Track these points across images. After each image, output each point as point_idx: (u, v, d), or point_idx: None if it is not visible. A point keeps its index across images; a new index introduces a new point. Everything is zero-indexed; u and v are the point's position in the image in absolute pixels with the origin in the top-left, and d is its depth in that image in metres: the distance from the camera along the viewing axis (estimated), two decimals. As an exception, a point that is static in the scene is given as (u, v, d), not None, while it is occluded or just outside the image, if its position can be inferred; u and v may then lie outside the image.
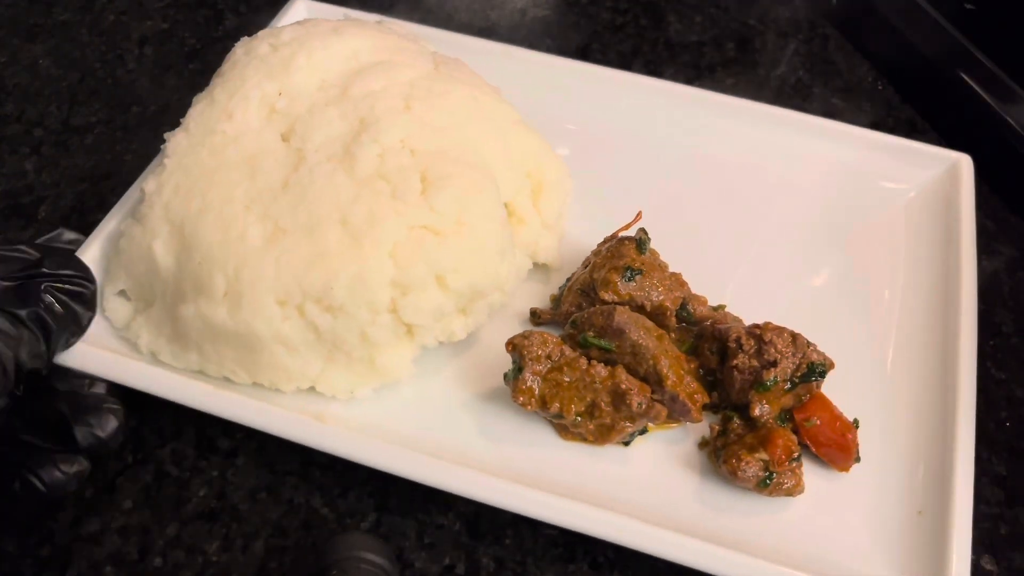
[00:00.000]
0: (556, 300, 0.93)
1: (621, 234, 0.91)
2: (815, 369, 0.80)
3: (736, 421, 0.81)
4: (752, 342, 0.81)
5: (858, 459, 0.80)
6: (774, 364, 0.80)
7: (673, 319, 0.86)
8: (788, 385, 0.80)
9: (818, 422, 0.80)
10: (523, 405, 0.79)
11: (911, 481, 0.80)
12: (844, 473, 0.81)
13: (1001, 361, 0.94)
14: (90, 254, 0.89)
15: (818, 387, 0.81)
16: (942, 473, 0.78)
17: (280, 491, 0.81)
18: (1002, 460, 0.87)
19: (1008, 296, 1.00)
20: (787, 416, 0.81)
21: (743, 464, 0.76)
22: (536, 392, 0.80)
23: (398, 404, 0.84)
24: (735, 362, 0.81)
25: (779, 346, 0.80)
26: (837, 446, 0.80)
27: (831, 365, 0.80)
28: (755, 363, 0.80)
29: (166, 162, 0.86)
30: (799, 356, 0.80)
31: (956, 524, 0.74)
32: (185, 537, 0.79)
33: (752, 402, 0.80)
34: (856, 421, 0.81)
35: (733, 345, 0.82)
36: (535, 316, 0.92)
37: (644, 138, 1.07)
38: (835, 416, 0.81)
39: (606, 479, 0.80)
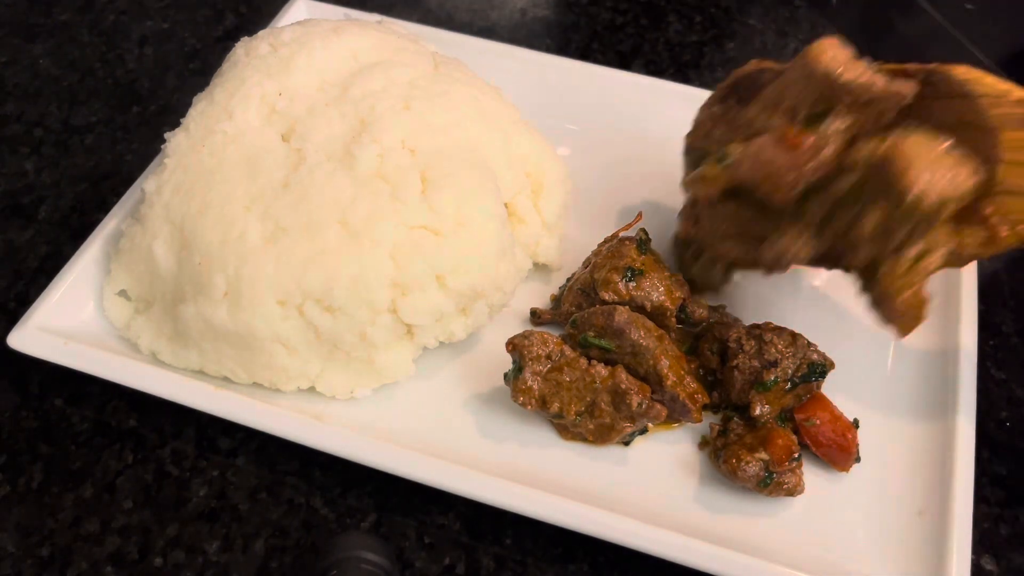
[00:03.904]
0: (556, 300, 0.93)
1: (622, 234, 0.91)
2: (815, 369, 0.80)
3: (736, 421, 0.81)
4: (752, 342, 0.81)
5: (858, 459, 0.80)
6: (774, 364, 0.80)
7: (673, 320, 0.86)
8: (788, 385, 0.80)
9: (818, 422, 0.80)
10: (523, 405, 0.79)
11: (911, 481, 0.80)
12: (844, 473, 0.81)
13: (1001, 361, 0.94)
14: (90, 254, 0.89)
15: (818, 387, 0.81)
16: (942, 473, 0.78)
17: (280, 491, 0.81)
18: (1002, 460, 0.87)
19: (1008, 296, 1.00)
20: (787, 416, 0.81)
21: (743, 464, 0.76)
22: (536, 392, 0.80)
23: (398, 404, 0.84)
24: (735, 362, 0.81)
25: (779, 346, 0.80)
26: (837, 446, 0.80)
27: (831, 365, 0.80)
28: (755, 363, 0.81)
29: (166, 162, 0.86)
30: (799, 356, 0.80)
31: (956, 524, 0.74)
32: (185, 537, 0.79)
33: (752, 402, 0.80)
34: (856, 421, 0.81)
35: (733, 345, 0.82)
36: (535, 316, 0.92)
37: (644, 138, 1.07)
38: (835, 416, 0.81)
39: (606, 479, 0.80)
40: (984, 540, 0.81)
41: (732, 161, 0.77)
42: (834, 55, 0.72)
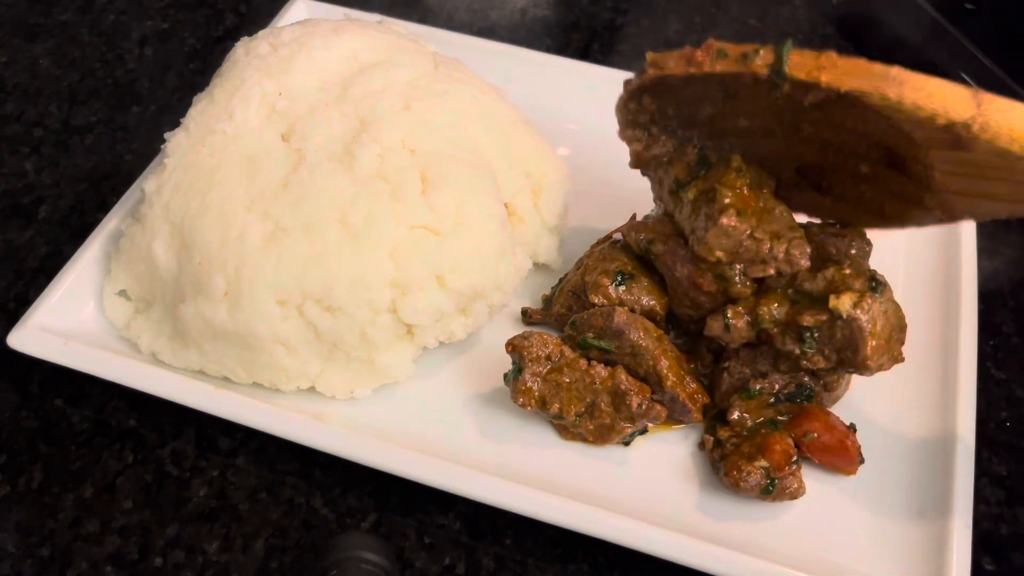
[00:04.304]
0: (547, 300, 0.92)
1: (614, 236, 0.91)
2: (803, 391, 0.79)
3: (726, 432, 0.80)
4: (747, 350, 0.80)
5: (862, 460, 0.79)
6: (764, 375, 0.79)
7: (664, 324, 0.85)
8: (772, 399, 0.79)
9: (815, 435, 0.79)
10: (523, 406, 0.79)
11: (911, 481, 0.80)
12: (845, 474, 0.80)
13: (1001, 361, 0.94)
14: (90, 254, 0.89)
15: (804, 408, 0.80)
16: (942, 473, 0.78)
17: (280, 491, 0.81)
18: (1002, 460, 0.87)
19: (1008, 296, 1.00)
20: (774, 422, 0.81)
21: (744, 475, 0.76)
22: (536, 393, 0.80)
23: (398, 404, 0.84)
24: (726, 364, 0.81)
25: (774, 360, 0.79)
26: (838, 454, 0.79)
27: (819, 394, 0.79)
28: (746, 370, 0.80)
29: (166, 162, 0.86)
30: (791, 376, 0.79)
31: (956, 524, 0.74)
32: (185, 537, 0.79)
33: (731, 406, 0.80)
34: (852, 425, 0.81)
35: (730, 348, 0.81)
36: (526, 316, 0.91)
37: (644, 138, 1.07)
38: (830, 425, 0.79)
39: (606, 479, 0.80)
40: (984, 540, 0.81)
41: (655, 251, 0.84)
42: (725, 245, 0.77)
